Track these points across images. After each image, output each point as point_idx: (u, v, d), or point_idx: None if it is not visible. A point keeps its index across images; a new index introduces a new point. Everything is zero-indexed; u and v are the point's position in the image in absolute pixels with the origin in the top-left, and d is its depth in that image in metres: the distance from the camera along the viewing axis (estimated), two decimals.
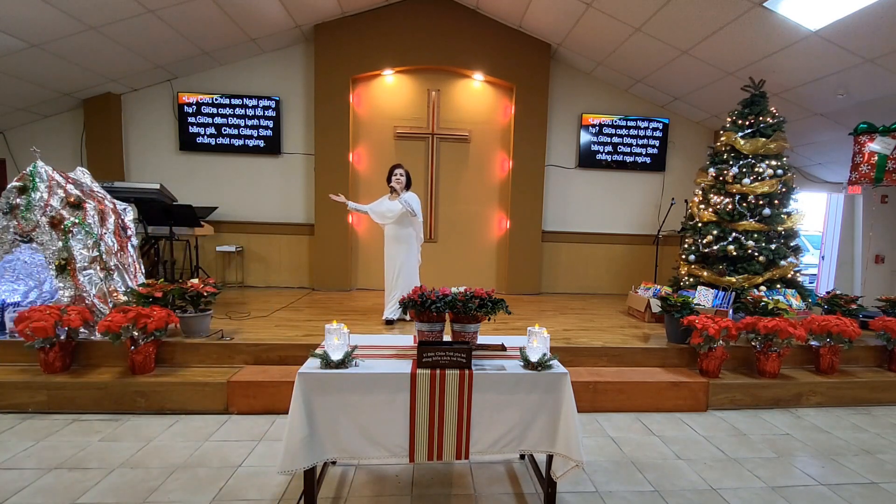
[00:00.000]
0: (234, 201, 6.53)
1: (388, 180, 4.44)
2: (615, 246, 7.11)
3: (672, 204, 6.48)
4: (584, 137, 6.82)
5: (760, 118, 4.82)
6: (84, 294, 3.62)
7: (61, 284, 3.63)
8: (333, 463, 2.55)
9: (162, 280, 3.92)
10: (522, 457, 2.71)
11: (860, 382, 3.81)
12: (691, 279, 5.04)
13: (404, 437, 2.03)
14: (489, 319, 2.37)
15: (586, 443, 2.95)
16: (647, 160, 6.93)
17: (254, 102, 6.36)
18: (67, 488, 2.28)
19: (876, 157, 4.85)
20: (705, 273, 4.87)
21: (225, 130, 6.39)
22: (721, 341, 3.56)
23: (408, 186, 4.48)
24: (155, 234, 5.18)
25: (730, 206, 4.81)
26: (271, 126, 6.42)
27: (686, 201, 6.01)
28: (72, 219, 3.71)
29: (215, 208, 6.28)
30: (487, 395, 2.04)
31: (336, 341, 2.07)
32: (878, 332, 4.02)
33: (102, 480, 2.37)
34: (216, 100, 6.32)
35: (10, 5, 4.12)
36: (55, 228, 3.66)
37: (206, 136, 6.37)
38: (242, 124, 6.39)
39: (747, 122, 4.86)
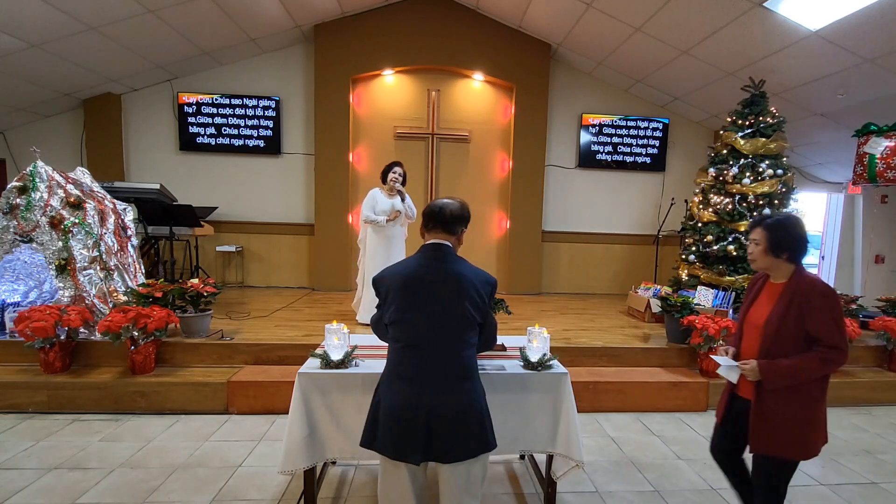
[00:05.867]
0: (234, 201, 6.53)
1: (384, 178, 4.22)
2: (615, 246, 7.10)
3: (672, 204, 6.48)
4: (584, 137, 6.82)
5: (760, 118, 4.82)
6: (84, 294, 3.62)
7: (61, 284, 3.63)
8: (333, 463, 2.55)
9: (162, 280, 3.92)
10: (522, 457, 2.71)
11: (860, 382, 3.81)
12: (691, 279, 5.04)
13: None
14: None
15: (586, 443, 2.95)
16: (647, 160, 6.93)
17: (254, 102, 6.35)
18: (67, 488, 2.29)
19: (867, 157, 4.93)
20: (705, 273, 4.87)
21: (225, 130, 6.39)
22: (721, 341, 3.56)
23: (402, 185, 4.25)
24: (155, 234, 5.18)
25: (730, 206, 4.81)
26: (271, 126, 6.42)
27: (686, 201, 6.01)
28: (72, 219, 3.71)
29: (215, 208, 6.28)
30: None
31: (336, 341, 2.07)
32: (878, 332, 4.02)
33: (102, 480, 2.37)
34: (216, 100, 6.32)
35: (10, 5, 4.12)
36: (55, 228, 3.66)
37: (206, 137, 6.37)
38: (242, 124, 6.39)
39: (747, 122, 4.86)
